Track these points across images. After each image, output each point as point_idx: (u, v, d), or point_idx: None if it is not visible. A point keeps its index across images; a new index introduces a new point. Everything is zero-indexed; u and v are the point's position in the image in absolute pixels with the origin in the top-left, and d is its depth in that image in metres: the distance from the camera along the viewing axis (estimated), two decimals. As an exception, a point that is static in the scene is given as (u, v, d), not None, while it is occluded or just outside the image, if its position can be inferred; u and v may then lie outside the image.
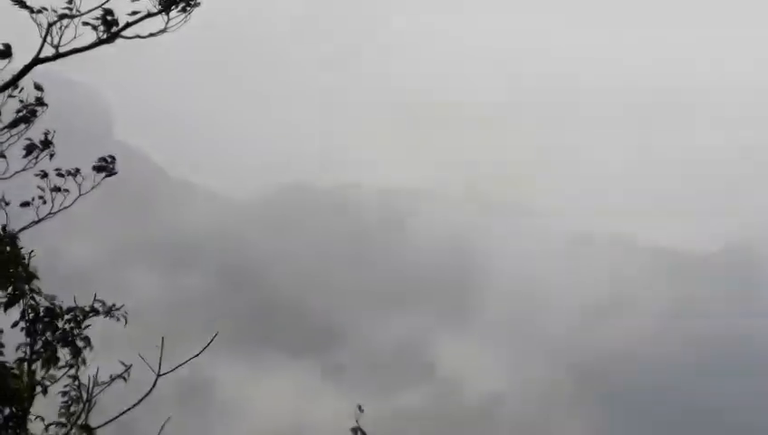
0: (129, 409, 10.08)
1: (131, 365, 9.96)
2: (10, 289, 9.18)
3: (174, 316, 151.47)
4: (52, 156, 10.05)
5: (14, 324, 9.46)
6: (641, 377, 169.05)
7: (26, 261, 9.13)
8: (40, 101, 10.02)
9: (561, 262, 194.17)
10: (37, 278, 9.29)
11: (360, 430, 9.21)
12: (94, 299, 9.71)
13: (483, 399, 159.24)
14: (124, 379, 9.78)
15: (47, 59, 9.72)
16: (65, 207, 9.90)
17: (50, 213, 9.88)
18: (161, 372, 10.33)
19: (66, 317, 9.53)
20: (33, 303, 9.38)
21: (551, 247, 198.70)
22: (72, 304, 9.65)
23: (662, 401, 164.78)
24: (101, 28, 9.80)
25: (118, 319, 9.76)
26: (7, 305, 9.32)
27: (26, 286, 9.23)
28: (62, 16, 9.81)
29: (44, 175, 9.97)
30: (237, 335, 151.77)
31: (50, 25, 9.74)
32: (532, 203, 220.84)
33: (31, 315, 9.40)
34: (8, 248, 8.92)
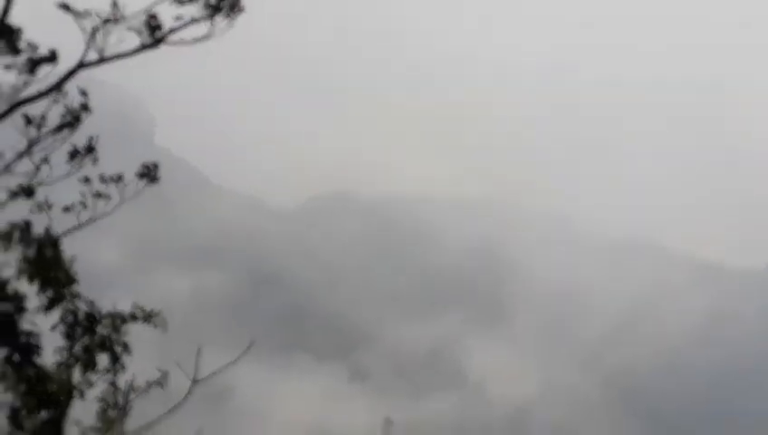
0: (164, 415, 10.21)
1: (168, 372, 10.08)
2: (51, 292, 9.32)
3: (201, 319, 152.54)
4: (95, 161, 10.19)
5: (53, 327, 9.61)
6: (674, 388, 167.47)
7: (67, 265, 9.26)
8: (84, 107, 10.16)
9: (596, 270, 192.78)
10: (77, 282, 9.43)
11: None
12: (133, 305, 9.84)
13: (512, 406, 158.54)
14: (161, 385, 9.90)
15: (91, 64, 9.85)
16: (107, 214, 10.04)
17: (91, 219, 10.03)
18: (196, 379, 10.44)
19: (105, 322, 9.67)
20: (72, 307, 9.52)
21: (585, 254, 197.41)
22: (111, 309, 9.79)
23: (695, 411, 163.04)
24: (146, 33, 9.91)
25: (156, 326, 9.88)
26: (47, 308, 9.47)
27: (66, 290, 9.38)
28: (106, 21, 9.91)
29: (87, 180, 10.12)
30: (263, 338, 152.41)
31: (94, 30, 9.85)
32: (567, 209, 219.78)
33: (70, 319, 9.55)
34: (50, 252, 9.07)
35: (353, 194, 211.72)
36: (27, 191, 9.51)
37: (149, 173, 10.28)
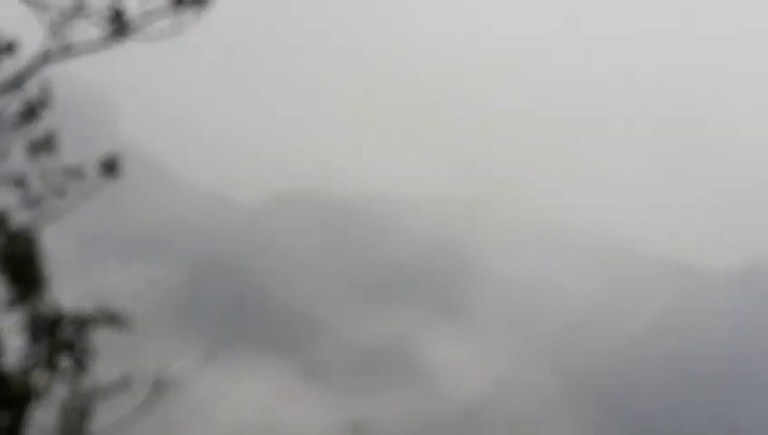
0: (127, 417, 10.43)
1: (131, 375, 10.25)
2: (19, 288, 9.39)
3: (152, 313, 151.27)
4: (53, 154, 10.28)
5: (16, 328, 9.68)
6: (635, 384, 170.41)
7: (41, 262, 9.34)
8: (44, 101, 10.26)
9: (560, 266, 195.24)
10: (46, 281, 9.52)
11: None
12: (96, 306, 9.97)
13: (470, 401, 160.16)
14: (124, 390, 10.05)
15: (52, 60, 9.95)
16: (68, 210, 10.14)
17: (52, 214, 10.12)
18: (160, 383, 10.68)
19: (68, 323, 9.77)
20: (37, 306, 9.61)
21: (548, 252, 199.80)
22: (75, 309, 9.90)
23: (657, 408, 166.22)
24: (110, 27, 10.02)
25: (120, 328, 10.01)
26: (10, 306, 9.51)
27: (35, 288, 9.45)
28: (68, 15, 9.99)
29: (46, 176, 10.21)
30: (211, 331, 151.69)
31: (55, 25, 9.94)
32: (530, 206, 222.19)
33: (34, 319, 9.63)
34: (25, 245, 9.13)
35: (318, 191, 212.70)
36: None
37: (110, 166, 10.36)
